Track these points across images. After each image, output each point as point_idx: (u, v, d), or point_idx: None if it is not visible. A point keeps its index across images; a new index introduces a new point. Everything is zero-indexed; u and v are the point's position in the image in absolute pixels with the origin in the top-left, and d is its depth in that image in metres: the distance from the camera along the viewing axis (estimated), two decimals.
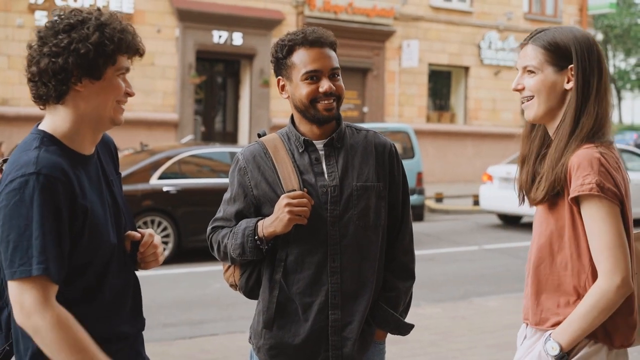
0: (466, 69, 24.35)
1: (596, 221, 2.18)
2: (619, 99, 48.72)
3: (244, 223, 2.66)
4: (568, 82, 2.32)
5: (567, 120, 2.30)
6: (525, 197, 2.43)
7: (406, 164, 16.29)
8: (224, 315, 7.60)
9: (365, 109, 22.47)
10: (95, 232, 2.11)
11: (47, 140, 2.10)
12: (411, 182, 14.38)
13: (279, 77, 2.71)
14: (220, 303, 7.96)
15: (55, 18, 2.13)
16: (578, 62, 2.30)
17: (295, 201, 2.54)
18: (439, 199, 18.12)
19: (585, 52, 2.31)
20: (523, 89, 2.37)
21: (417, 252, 2.92)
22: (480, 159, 23.37)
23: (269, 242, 2.62)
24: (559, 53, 2.32)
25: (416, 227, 2.94)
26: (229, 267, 2.85)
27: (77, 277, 2.11)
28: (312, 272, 2.64)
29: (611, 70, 45.40)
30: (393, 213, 2.78)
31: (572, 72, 2.31)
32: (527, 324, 2.43)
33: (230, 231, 2.70)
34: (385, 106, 22.69)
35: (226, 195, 2.77)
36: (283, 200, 2.56)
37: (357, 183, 2.66)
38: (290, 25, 20.41)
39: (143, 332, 2.38)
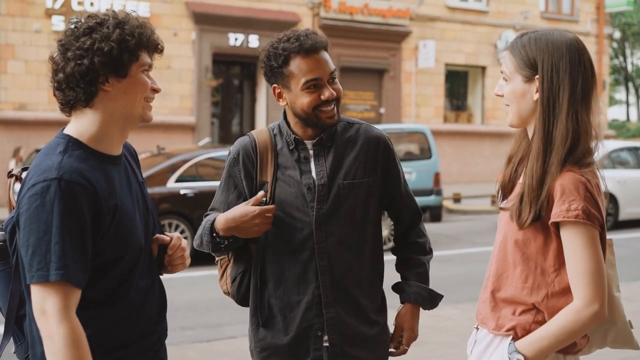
0: (483, 68, 24.25)
1: (579, 246, 2.15)
2: (638, 97, 48.29)
3: (213, 215, 2.66)
4: (537, 92, 2.24)
5: (537, 134, 2.23)
6: (502, 197, 2.39)
7: (423, 164, 16.13)
8: (241, 318, 7.57)
9: (382, 110, 22.43)
10: (122, 231, 2.12)
11: (72, 144, 2.11)
12: (428, 183, 14.35)
13: (275, 84, 2.65)
14: (238, 306, 7.95)
15: (74, 25, 2.15)
16: (542, 74, 2.21)
17: (266, 215, 2.53)
18: (456, 199, 18.08)
19: (553, 61, 2.20)
20: (502, 95, 2.33)
21: (435, 253, 2.92)
22: (498, 158, 23.24)
23: (227, 239, 2.61)
24: (526, 62, 2.24)
25: (434, 227, 2.94)
26: (223, 274, 2.85)
27: (101, 277, 2.11)
28: (298, 271, 2.63)
29: (629, 68, 45.05)
30: (397, 205, 2.79)
31: (539, 83, 2.23)
32: (478, 329, 2.41)
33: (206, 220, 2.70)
34: (402, 107, 22.64)
35: (219, 185, 2.78)
36: (253, 210, 2.53)
37: (343, 181, 2.64)
38: (306, 27, 20.36)
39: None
